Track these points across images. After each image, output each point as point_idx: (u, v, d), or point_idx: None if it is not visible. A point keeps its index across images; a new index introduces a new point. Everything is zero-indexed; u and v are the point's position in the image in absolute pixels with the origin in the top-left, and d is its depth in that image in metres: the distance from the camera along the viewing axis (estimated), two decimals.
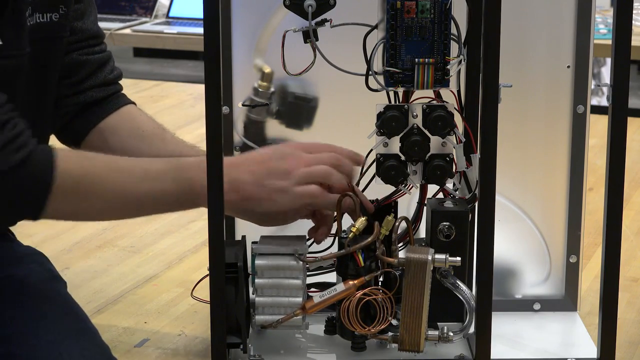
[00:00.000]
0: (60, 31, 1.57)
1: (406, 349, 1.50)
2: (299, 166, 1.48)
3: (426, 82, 1.47)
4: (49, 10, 1.55)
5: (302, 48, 1.49)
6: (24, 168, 1.39)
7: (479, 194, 1.46)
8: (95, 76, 1.66)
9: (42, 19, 1.54)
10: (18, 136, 1.39)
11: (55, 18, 1.55)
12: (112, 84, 1.69)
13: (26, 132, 1.41)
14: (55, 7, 1.56)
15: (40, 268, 1.63)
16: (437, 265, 1.49)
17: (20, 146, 1.39)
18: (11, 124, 1.39)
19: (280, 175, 1.47)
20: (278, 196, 1.48)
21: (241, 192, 1.47)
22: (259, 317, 1.52)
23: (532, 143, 1.71)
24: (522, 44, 1.67)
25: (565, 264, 1.75)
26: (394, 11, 1.46)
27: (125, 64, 5.90)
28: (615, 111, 1.46)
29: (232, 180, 1.46)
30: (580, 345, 1.65)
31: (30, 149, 1.40)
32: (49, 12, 1.55)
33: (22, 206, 1.43)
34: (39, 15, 1.53)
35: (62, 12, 1.57)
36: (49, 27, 1.55)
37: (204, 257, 1.47)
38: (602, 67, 4.75)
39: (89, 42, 1.65)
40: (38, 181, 1.40)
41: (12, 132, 1.38)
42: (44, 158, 1.41)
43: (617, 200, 1.48)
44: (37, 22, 1.52)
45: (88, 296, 1.92)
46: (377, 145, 1.51)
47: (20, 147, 1.39)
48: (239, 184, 1.47)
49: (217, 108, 1.39)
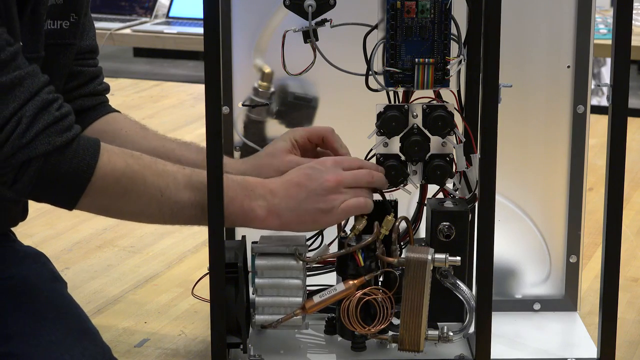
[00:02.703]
0: (70, 38, 1.59)
1: (406, 349, 1.50)
2: (339, 185, 1.46)
3: (426, 82, 1.47)
4: (60, 17, 1.56)
5: (302, 48, 1.49)
6: (68, 152, 1.36)
7: (479, 194, 1.46)
8: (86, 86, 1.68)
9: (53, 26, 1.55)
10: (64, 118, 1.37)
11: (65, 26, 1.57)
12: (100, 94, 1.71)
13: (72, 115, 1.39)
14: (67, 15, 1.57)
15: (42, 268, 1.63)
16: (437, 265, 1.49)
17: (66, 128, 1.36)
18: (57, 104, 1.37)
19: (321, 197, 1.46)
20: (321, 217, 1.47)
21: (282, 218, 1.46)
22: (259, 317, 1.52)
23: (532, 143, 1.71)
24: (522, 44, 1.67)
25: (565, 264, 1.75)
26: (394, 11, 1.46)
27: (125, 64, 5.91)
28: (615, 111, 1.46)
29: (271, 206, 1.45)
30: (580, 345, 1.65)
31: (75, 132, 1.37)
32: (60, 19, 1.56)
33: (59, 194, 1.40)
34: (50, 22, 1.54)
35: (72, 21, 1.58)
36: (59, 34, 1.56)
37: (204, 257, 1.47)
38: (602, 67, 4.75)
39: (85, 55, 1.67)
40: (80, 169, 1.37)
41: (58, 111, 1.36)
42: (89, 145, 1.39)
43: (617, 200, 1.48)
44: (48, 29, 1.53)
45: (88, 296, 1.92)
46: (377, 145, 1.51)
47: (66, 130, 1.36)
48: (280, 210, 1.46)
49: (217, 108, 1.39)
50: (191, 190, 1.44)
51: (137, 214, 1.48)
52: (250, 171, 1.57)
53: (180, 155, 1.61)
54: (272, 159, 1.58)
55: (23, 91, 1.35)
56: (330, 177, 1.46)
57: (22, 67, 1.36)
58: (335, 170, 1.47)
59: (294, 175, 1.47)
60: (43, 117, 1.35)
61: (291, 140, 1.59)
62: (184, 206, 1.44)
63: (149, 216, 1.47)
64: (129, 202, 1.43)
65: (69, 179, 1.37)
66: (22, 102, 1.34)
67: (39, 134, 1.34)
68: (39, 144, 1.34)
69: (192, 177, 1.44)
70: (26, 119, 1.33)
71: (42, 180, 1.36)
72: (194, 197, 1.44)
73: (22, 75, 1.35)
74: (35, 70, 1.38)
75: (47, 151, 1.35)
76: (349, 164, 1.50)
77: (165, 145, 1.65)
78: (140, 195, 1.42)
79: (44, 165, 1.35)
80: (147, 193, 1.42)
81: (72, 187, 1.38)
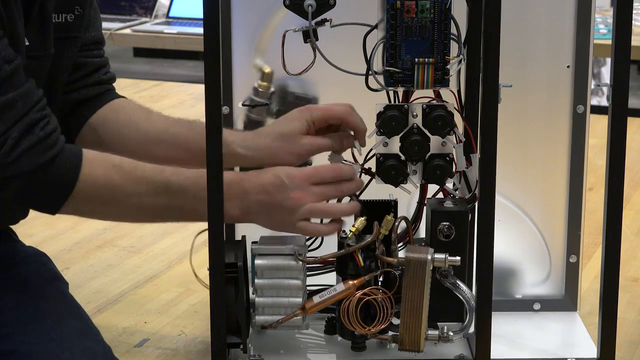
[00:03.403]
0: (75, 31, 1.60)
1: (406, 349, 1.50)
2: (305, 202, 1.48)
3: (426, 82, 1.47)
4: (65, 10, 1.57)
5: (302, 48, 1.49)
6: (50, 168, 1.42)
7: (479, 194, 1.46)
8: (90, 77, 1.68)
9: (58, 19, 1.57)
10: (48, 136, 1.42)
11: (70, 19, 1.58)
12: (105, 83, 1.71)
13: (57, 131, 1.44)
14: (71, 8, 1.59)
15: (43, 268, 1.63)
16: (436, 265, 1.49)
17: (50, 146, 1.42)
18: (43, 123, 1.42)
19: (285, 211, 1.48)
20: (285, 227, 1.51)
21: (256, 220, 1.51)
22: (259, 318, 1.52)
23: (532, 143, 1.71)
24: (522, 44, 1.67)
25: (565, 264, 1.75)
26: (394, 11, 1.46)
27: (125, 64, 5.91)
28: (615, 111, 1.46)
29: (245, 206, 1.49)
30: (580, 345, 1.65)
31: (58, 148, 1.43)
32: (65, 12, 1.57)
33: (42, 203, 1.47)
34: (55, 16, 1.55)
35: (77, 13, 1.59)
36: (64, 27, 1.58)
37: (204, 257, 1.47)
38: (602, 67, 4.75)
39: (90, 46, 1.67)
40: (61, 183, 1.44)
41: (43, 131, 1.41)
42: (70, 160, 1.44)
43: (617, 200, 1.48)
44: (54, 22, 1.55)
45: (88, 296, 1.92)
46: (377, 145, 1.51)
47: (49, 148, 1.42)
48: (252, 211, 1.49)
49: (217, 108, 1.39)
50: (170, 196, 1.48)
51: (119, 219, 1.63)
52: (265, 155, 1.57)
53: (185, 138, 1.64)
54: (287, 143, 1.57)
55: (14, 114, 1.40)
56: (294, 195, 1.48)
57: (18, 86, 1.41)
58: (301, 188, 1.48)
59: (266, 181, 1.49)
60: (27, 138, 1.40)
61: (307, 121, 1.58)
62: (164, 211, 1.50)
63: (129, 220, 1.63)
64: (109, 209, 1.51)
65: (51, 192, 1.45)
66: (11, 124, 1.40)
67: (22, 154, 1.40)
68: (22, 164, 1.40)
69: (170, 181, 1.48)
70: (11, 140, 1.39)
71: (25, 192, 1.43)
72: (174, 202, 1.49)
73: (16, 97, 1.40)
74: (28, 89, 1.42)
75: (30, 170, 1.41)
76: (321, 177, 1.50)
77: (169, 130, 1.66)
78: (120, 204, 1.49)
79: (27, 181, 1.42)
80: (127, 201, 1.48)
81: (55, 198, 1.46)
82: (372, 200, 1.55)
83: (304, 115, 1.58)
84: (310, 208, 1.48)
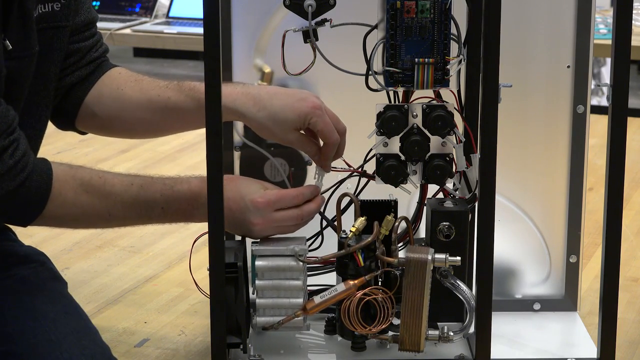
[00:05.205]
0: (62, 20, 1.59)
1: (406, 349, 1.50)
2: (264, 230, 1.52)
3: (426, 82, 1.47)
4: (50, 0, 1.56)
5: (302, 48, 1.49)
6: (20, 192, 1.44)
7: (479, 194, 1.46)
8: (82, 59, 1.68)
9: (44, 9, 1.56)
10: (17, 163, 1.43)
11: (57, 7, 1.57)
12: (97, 60, 1.71)
13: (26, 155, 1.45)
14: None
15: (42, 268, 1.63)
16: (437, 265, 1.49)
17: (20, 171, 1.44)
18: (12, 149, 1.43)
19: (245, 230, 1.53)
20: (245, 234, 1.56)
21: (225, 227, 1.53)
22: (260, 319, 1.52)
23: (532, 143, 1.71)
24: (522, 44, 1.67)
25: (565, 264, 1.75)
26: (394, 11, 1.46)
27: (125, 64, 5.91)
28: (615, 111, 1.46)
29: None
30: (580, 345, 1.65)
31: (28, 171, 1.45)
32: (50, 1, 1.56)
33: (12, 221, 1.56)
34: (40, 6, 1.54)
35: (63, 2, 1.58)
36: (51, 17, 1.57)
37: (204, 257, 1.47)
38: (602, 67, 4.74)
39: (82, 29, 1.67)
40: (31, 204, 1.47)
41: (12, 159, 1.43)
42: (40, 182, 1.47)
43: (617, 200, 1.48)
44: (40, 13, 1.54)
45: (88, 296, 1.92)
46: (377, 145, 1.51)
47: (19, 172, 1.44)
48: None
49: (217, 108, 1.39)
50: (138, 209, 1.53)
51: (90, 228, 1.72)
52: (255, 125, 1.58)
53: (175, 102, 1.65)
54: (277, 127, 1.57)
55: None
56: (254, 221, 1.51)
57: None
58: (262, 214, 1.51)
59: (230, 195, 1.51)
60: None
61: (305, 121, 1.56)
62: (133, 222, 1.57)
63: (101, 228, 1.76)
64: (79, 224, 1.59)
65: (21, 211, 1.49)
66: None
67: None
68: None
69: (138, 196, 1.53)
70: None
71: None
72: (143, 214, 1.53)
73: None
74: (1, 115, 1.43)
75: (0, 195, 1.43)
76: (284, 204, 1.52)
77: (161, 95, 1.67)
78: (89, 218, 1.55)
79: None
80: (96, 216, 1.54)
81: (25, 217, 1.50)
82: (372, 200, 1.56)
83: (306, 114, 1.56)
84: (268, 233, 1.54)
